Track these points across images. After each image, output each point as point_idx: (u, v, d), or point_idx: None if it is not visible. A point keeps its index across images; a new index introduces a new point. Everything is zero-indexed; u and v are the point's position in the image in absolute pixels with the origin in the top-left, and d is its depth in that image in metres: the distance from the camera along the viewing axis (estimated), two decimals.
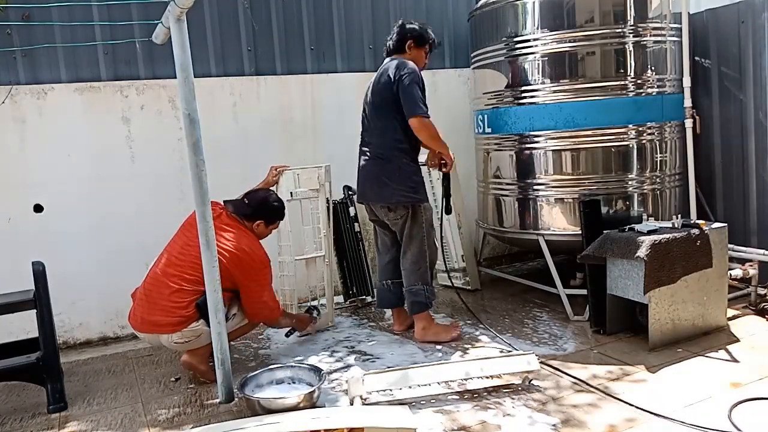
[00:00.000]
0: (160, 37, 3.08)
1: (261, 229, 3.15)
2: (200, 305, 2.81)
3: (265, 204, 3.18)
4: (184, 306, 2.83)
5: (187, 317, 2.84)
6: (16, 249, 3.46)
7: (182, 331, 2.85)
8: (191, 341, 2.88)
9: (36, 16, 3.51)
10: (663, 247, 2.96)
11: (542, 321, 3.56)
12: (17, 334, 3.24)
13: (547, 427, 2.35)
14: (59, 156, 3.59)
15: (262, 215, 3.13)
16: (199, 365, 2.96)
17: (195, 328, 2.85)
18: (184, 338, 2.87)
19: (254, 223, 3.11)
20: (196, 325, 2.85)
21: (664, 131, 3.65)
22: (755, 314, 3.42)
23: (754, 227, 3.83)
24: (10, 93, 3.47)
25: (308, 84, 4.21)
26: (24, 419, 2.77)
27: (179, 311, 2.83)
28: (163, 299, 2.86)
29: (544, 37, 3.57)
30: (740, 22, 3.78)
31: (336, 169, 4.30)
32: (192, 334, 2.86)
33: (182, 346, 2.91)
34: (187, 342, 2.88)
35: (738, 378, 2.65)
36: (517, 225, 3.87)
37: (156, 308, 2.87)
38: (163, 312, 2.85)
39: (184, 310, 2.83)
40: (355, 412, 2.42)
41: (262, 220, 3.13)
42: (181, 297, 2.84)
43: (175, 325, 2.84)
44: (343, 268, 4.20)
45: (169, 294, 2.85)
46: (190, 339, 2.88)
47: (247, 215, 3.10)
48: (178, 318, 2.84)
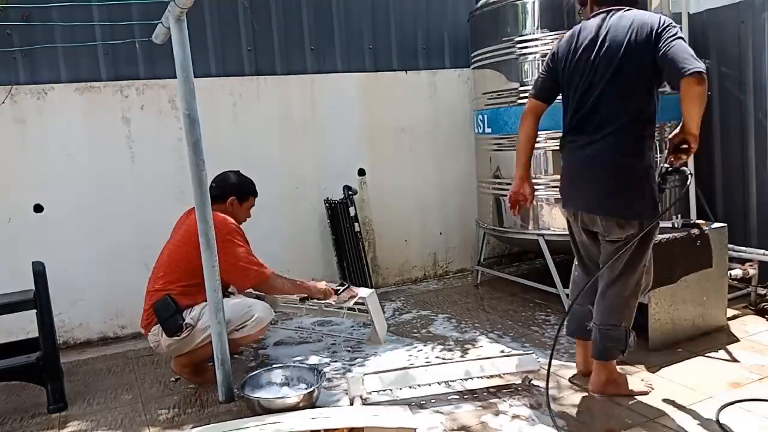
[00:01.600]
0: (160, 37, 3.08)
1: (237, 207, 3.08)
2: (155, 307, 2.80)
3: (226, 179, 3.11)
4: (147, 308, 2.88)
5: (149, 321, 2.87)
6: (16, 249, 3.46)
7: (148, 336, 2.91)
8: (157, 347, 2.89)
9: (36, 16, 3.51)
10: (663, 247, 2.96)
11: (542, 321, 3.56)
12: (17, 334, 3.24)
13: (547, 427, 2.35)
14: (59, 156, 3.59)
15: (230, 191, 3.07)
16: (182, 372, 2.96)
17: (154, 333, 2.85)
18: (151, 343, 2.92)
19: (227, 203, 3.05)
20: (155, 329, 2.84)
21: (664, 131, 3.64)
22: (755, 314, 3.41)
23: (754, 227, 3.83)
24: (10, 93, 3.47)
25: (308, 84, 4.21)
26: (24, 419, 2.76)
27: (145, 313, 2.90)
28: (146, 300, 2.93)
29: (544, 37, 3.57)
30: (740, 22, 3.78)
31: (336, 169, 4.32)
32: (154, 339, 2.87)
33: (156, 350, 2.93)
34: (154, 347, 2.91)
35: (738, 378, 2.65)
36: (517, 225, 3.87)
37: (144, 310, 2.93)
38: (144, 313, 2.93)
39: (147, 312, 2.88)
40: (355, 412, 2.42)
41: (234, 197, 3.07)
42: (149, 298, 2.89)
43: (144, 328, 2.92)
44: (343, 268, 4.21)
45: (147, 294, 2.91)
46: (154, 345, 2.89)
47: (216, 196, 2.97)
48: (145, 321, 2.90)
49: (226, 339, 2.72)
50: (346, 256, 4.20)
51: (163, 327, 2.78)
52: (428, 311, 3.90)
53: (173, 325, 2.76)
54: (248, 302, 2.98)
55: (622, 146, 2.34)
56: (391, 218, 4.51)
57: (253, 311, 2.90)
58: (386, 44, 4.45)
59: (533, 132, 2.57)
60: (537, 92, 2.58)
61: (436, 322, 3.67)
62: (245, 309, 2.90)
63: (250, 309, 2.91)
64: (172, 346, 2.83)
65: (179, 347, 2.84)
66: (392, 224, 4.52)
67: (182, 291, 2.83)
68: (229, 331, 2.77)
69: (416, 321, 3.70)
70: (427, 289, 4.42)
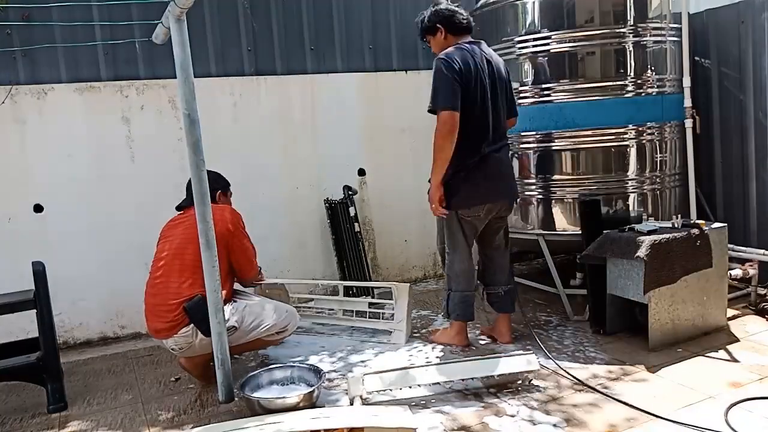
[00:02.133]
0: (160, 37, 3.07)
1: (223, 199, 3.16)
2: (187, 308, 2.74)
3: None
4: (173, 309, 2.77)
5: (177, 321, 2.77)
6: (16, 249, 3.47)
7: (174, 337, 2.79)
8: (185, 349, 2.83)
9: (36, 16, 3.51)
10: (663, 247, 2.96)
11: (542, 321, 3.56)
12: (17, 334, 3.24)
13: (547, 427, 2.35)
14: (59, 156, 3.60)
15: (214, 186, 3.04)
16: (193, 370, 2.95)
17: (185, 334, 2.78)
18: (177, 345, 2.82)
19: (216, 198, 3.07)
20: (186, 330, 2.77)
21: (664, 131, 3.65)
22: (755, 314, 3.42)
23: (754, 227, 3.83)
24: (10, 93, 3.47)
25: (308, 84, 4.21)
26: (24, 419, 2.76)
27: (169, 314, 2.78)
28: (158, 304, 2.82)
29: (544, 37, 3.57)
30: (740, 22, 3.78)
31: (336, 169, 4.32)
32: (184, 341, 2.80)
33: (179, 353, 2.87)
34: (181, 350, 2.84)
35: (738, 378, 2.65)
36: (517, 225, 3.87)
37: (154, 314, 2.84)
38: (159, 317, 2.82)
39: (173, 314, 2.77)
40: (355, 412, 2.42)
41: (218, 191, 3.12)
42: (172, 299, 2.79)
43: (166, 331, 2.79)
44: (343, 268, 4.21)
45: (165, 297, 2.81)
46: (183, 347, 2.82)
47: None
48: (170, 323, 2.78)
49: (226, 339, 2.71)
50: (346, 256, 4.20)
51: (200, 328, 2.73)
52: (428, 311, 3.90)
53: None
54: (283, 306, 3.08)
55: (508, 150, 3.16)
56: (391, 218, 4.51)
57: (291, 313, 3.06)
58: (386, 44, 4.45)
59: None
60: (455, 105, 2.84)
61: (437, 322, 3.67)
62: (284, 312, 3.02)
63: (288, 312, 3.04)
64: (209, 346, 2.73)
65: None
66: (392, 224, 4.52)
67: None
68: (271, 332, 2.95)
69: (416, 321, 3.70)
70: (427, 289, 4.42)
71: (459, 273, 3.13)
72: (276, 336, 3.01)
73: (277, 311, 2.97)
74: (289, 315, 3.04)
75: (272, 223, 4.05)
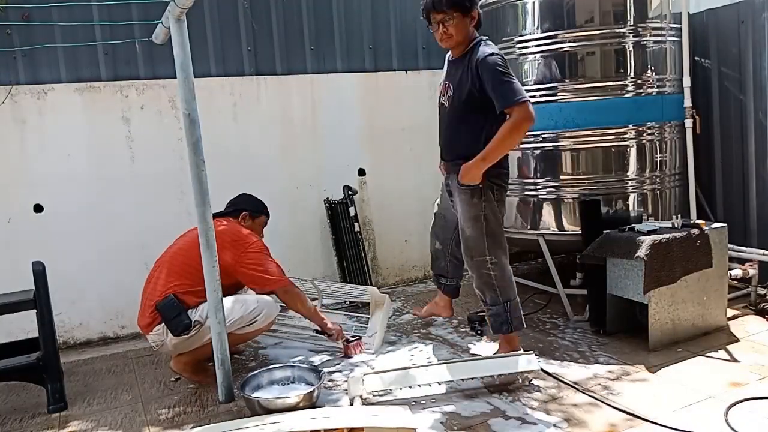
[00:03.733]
0: (160, 37, 3.08)
1: (249, 222, 3.19)
2: (158, 307, 2.82)
3: (240, 197, 3.28)
4: (151, 307, 2.87)
5: (152, 319, 2.87)
6: (16, 249, 3.46)
7: (150, 335, 2.91)
8: (160, 347, 2.92)
9: (36, 16, 3.51)
10: (663, 247, 2.96)
11: (542, 321, 3.56)
12: (17, 334, 3.24)
13: (547, 427, 2.35)
14: (59, 156, 3.59)
15: (243, 207, 3.21)
16: (183, 371, 2.96)
17: (158, 332, 2.86)
18: (153, 342, 2.93)
19: (239, 217, 3.18)
20: (158, 329, 2.85)
21: (664, 131, 3.65)
22: (755, 314, 3.41)
23: (754, 227, 3.83)
24: (10, 93, 3.47)
25: (308, 84, 4.21)
26: (24, 419, 2.76)
27: (146, 313, 2.90)
28: (145, 301, 2.94)
29: (544, 37, 3.57)
30: (740, 22, 3.78)
31: (336, 169, 4.32)
32: (157, 339, 2.89)
33: (157, 350, 2.97)
34: (157, 347, 2.93)
35: (738, 378, 2.65)
36: (517, 225, 3.87)
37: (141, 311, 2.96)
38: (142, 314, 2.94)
39: (150, 311, 2.87)
40: (355, 412, 2.42)
41: (246, 212, 3.20)
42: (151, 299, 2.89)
43: (144, 327, 2.92)
44: (343, 268, 4.21)
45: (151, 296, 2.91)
46: (158, 344, 2.91)
47: (229, 213, 3.19)
48: (146, 320, 2.90)
49: (226, 339, 2.72)
50: (346, 256, 4.20)
51: (168, 327, 2.80)
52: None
53: (179, 324, 2.78)
54: (254, 298, 3.03)
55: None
56: (391, 218, 4.51)
57: (261, 306, 2.98)
58: (386, 44, 4.45)
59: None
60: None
61: (437, 322, 3.66)
62: (253, 305, 2.96)
63: (258, 304, 2.98)
64: (179, 345, 2.85)
65: (186, 345, 2.86)
66: (392, 224, 4.52)
67: (191, 291, 2.84)
68: (240, 326, 2.87)
69: (416, 321, 3.69)
70: (427, 289, 4.41)
71: (510, 277, 2.94)
72: (248, 329, 2.94)
73: (245, 304, 2.93)
74: (261, 306, 2.97)
75: (272, 223, 4.02)
